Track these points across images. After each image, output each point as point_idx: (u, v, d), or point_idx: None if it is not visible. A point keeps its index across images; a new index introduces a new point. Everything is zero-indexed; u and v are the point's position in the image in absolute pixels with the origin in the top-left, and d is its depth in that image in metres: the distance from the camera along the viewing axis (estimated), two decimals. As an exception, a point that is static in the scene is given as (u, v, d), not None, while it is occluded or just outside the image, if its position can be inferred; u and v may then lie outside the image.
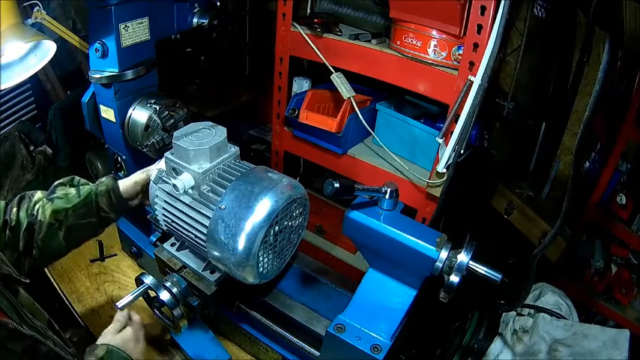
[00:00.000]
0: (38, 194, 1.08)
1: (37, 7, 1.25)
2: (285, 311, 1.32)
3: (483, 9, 1.12)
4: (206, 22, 1.50)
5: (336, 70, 1.47)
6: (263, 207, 0.93)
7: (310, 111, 1.58)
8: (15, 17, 1.10)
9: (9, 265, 0.93)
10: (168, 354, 1.46)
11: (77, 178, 1.14)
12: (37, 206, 1.05)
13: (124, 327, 1.06)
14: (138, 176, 1.17)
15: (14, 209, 1.04)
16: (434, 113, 1.68)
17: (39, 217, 1.03)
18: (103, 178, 1.14)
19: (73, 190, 1.10)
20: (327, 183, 0.93)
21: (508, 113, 1.89)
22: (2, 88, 1.22)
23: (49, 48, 1.21)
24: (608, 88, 1.73)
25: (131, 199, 1.18)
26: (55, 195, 1.08)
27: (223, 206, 0.95)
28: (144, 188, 1.17)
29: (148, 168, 1.18)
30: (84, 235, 1.14)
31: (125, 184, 1.16)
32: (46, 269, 1.72)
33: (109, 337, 1.01)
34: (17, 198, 1.07)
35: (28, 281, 0.96)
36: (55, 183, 1.12)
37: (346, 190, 0.96)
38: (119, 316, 1.06)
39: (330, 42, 1.49)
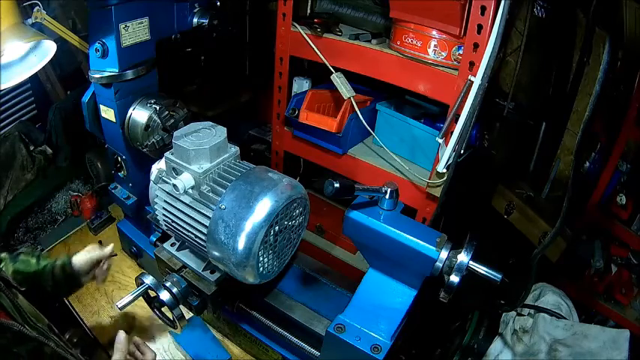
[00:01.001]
0: (3, 254, 1.19)
1: (37, 7, 1.25)
2: (285, 311, 1.32)
3: (483, 9, 1.12)
4: (206, 22, 1.49)
5: (336, 70, 1.47)
6: (263, 207, 0.93)
7: (310, 111, 1.58)
8: (15, 17, 1.10)
9: (6, 274, 0.97)
10: (168, 354, 1.46)
11: (38, 251, 1.31)
12: (1, 264, 1.16)
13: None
14: (91, 251, 1.28)
15: None
16: (434, 113, 1.68)
17: (2, 274, 1.05)
18: (63, 256, 1.26)
19: (33, 260, 1.21)
20: (327, 183, 0.93)
21: (508, 113, 1.88)
22: (2, 88, 1.22)
23: (49, 48, 1.21)
24: (608, 88, 1.73)
25: (84, 274, 1.27)
26: (18, 258, 1.20)
27: (223, 206, 0.95)
28: (95, 265, 1.28)
29: (100, 251, 1.29)
30: (45, 293, 1.21)
31: (78, 258, 1.25)
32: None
33: None
34: None
35: (24, 289, 0.98)
36: (19, 251, 1.27)
37: (346, 190, 0.96)
38: (119, 345, 1.03)
39: (330, 42, 1.49)
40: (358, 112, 1.45)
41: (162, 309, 1.22)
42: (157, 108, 1.37)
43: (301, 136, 1.66)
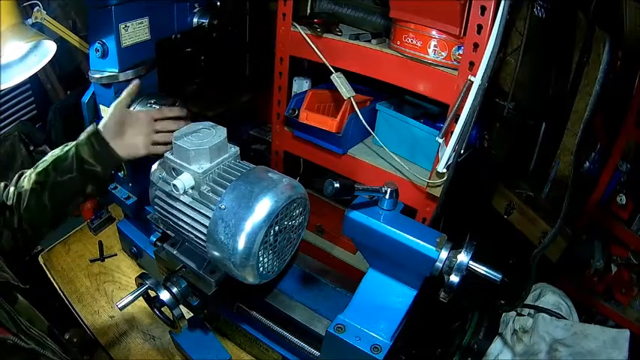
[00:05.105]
0: (29, 170, 1.01)
1: (37, 7, 1.25)
2: (285, 311, 1.32)
3: (483, 9, 1.12)
4: (206, 22, 1.50)
5: (336, 70, 1.47)
6: (263, 207, 0.93)
7: (310, 111, 1.58)
8: (15, 17, 1.10)
9: (7, 271, 0.92)
10: (168, 354, 1.46)
11: (71, 142, 1.04)
12: (24, 178, 1.00)
13: None
14: (112, 105, 1.07)
15: (12, 188, 1.00)
16: (434, 113, 1.68)
17: (25, 187, 0.98)
18: (89, 126, 1.04)
19: (57, 150, 1.02)
20: (327, 183, 0.93)
21: (508, 113, 1.88)
22: (2, 88, 1.22)
23: (49, 48, 1.21)
24: (608, 88, 1.73)
25: (115, 136, 1.05)
26: (43, 159, 1.01)
27: (223, 206, 0.95)
28: (125, 116, 1.07)
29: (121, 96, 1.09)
30: (69, 196, 1.03)
31: (103, 120, 1.05)
32: (46, 269, 1.72)
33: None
34: (16, 177, 1.02)
35: (27, 287, 0.95)
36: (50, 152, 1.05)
37: (346, 190, 0.96)
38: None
39: (330, 42, 1.48)
40: (358, 112, 1.45)
41: (162, 309, 1.22)
42: (157, 108, 1.36)
43: (301, 136, 1.66)
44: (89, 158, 1.01)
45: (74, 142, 1.03)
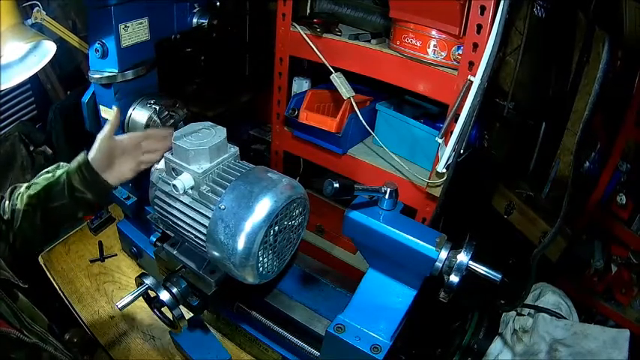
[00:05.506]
0: (25, 184, 1.04)
1: (37, 8, 1.25)
2: (285, 311, 1.32)
3: (483, 9, 1.12)
4: (206, 22, 1.49)
5: (336, 70, 1.47)
6: (263, 207, 0.93)
7: (310, 111, 1.58)
8: (15, 18, 1.10)
9: (7, 270, 0.94)
10: (168, 354, 1.46)
11: (63, 163, 1.07)
12: (18, 196, 1.01)
13: None
14: (99, 135, 1.07)
15: (7, 202, 1.02)
16: (434, 113, 1.68)
17: (17, 206, 1.00)
18: (79, 155, 1.05)
19: (50, 174, 1.04)
20: (327, 183, 0.93)
21: (508, 113, 1.89)
22: (2, 89, 1.22)
23: (49, 48, 1.21)
24: (608, 87, 1.73)
25: (105, 168, 1.07)
26: (35, 181, 1.03)
27: (223, 206, 0.95)
28: (112, 148, 1.07)
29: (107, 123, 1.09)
30: (61, 218, 1.06)
31: (92, 151, 1.06)
32: (46, 269, 1.72)
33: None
34: (9, 190, 1.05)
35: (26, 286, 0.96)
36: (42, 171, 1.07)
37: (346, 190, 0.96)
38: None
39: (330, 42, 1.48)
40: (358, 112, 1.45)
41: (162, 309, 1.22)
42: (157, 108, 1.36)
43: (301, 136, 1.66)
44: (79, 186, 1.03)
45: (65, 168, 1.05)
